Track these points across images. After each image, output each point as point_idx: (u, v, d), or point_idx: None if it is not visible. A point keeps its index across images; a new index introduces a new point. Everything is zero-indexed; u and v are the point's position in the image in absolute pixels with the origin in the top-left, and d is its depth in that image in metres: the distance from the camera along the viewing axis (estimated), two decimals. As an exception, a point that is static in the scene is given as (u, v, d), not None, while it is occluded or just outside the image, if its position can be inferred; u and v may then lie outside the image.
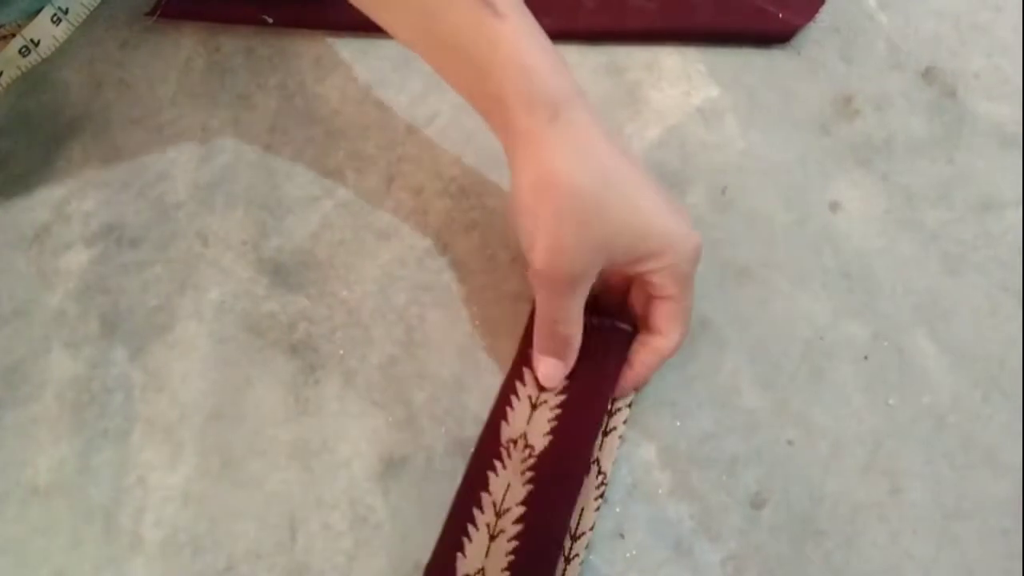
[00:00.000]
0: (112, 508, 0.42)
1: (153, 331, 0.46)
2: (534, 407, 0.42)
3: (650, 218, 0.38)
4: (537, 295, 0.40)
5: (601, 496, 0.40)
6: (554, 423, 0.41)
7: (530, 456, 0.40)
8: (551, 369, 0.41)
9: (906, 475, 0.42)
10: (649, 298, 0.41)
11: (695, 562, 0.40)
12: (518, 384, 0.42)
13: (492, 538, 0.39)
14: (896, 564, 0.40)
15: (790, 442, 0.42)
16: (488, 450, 0.41)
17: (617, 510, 0.41)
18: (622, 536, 0.41)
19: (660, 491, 0.42)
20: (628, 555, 0.40)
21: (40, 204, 0.49)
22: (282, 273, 0.47)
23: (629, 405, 0.42)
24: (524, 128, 0.37)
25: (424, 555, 0.40)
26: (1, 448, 0.43)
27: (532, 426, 0.41)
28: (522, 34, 0.37)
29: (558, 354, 0.41)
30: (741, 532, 0.41)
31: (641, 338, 0.42)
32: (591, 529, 0.40)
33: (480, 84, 0.37)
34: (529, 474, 0.40)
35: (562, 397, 0.42)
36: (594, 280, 0.39)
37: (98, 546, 0.41)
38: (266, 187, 0.49)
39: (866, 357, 0.44)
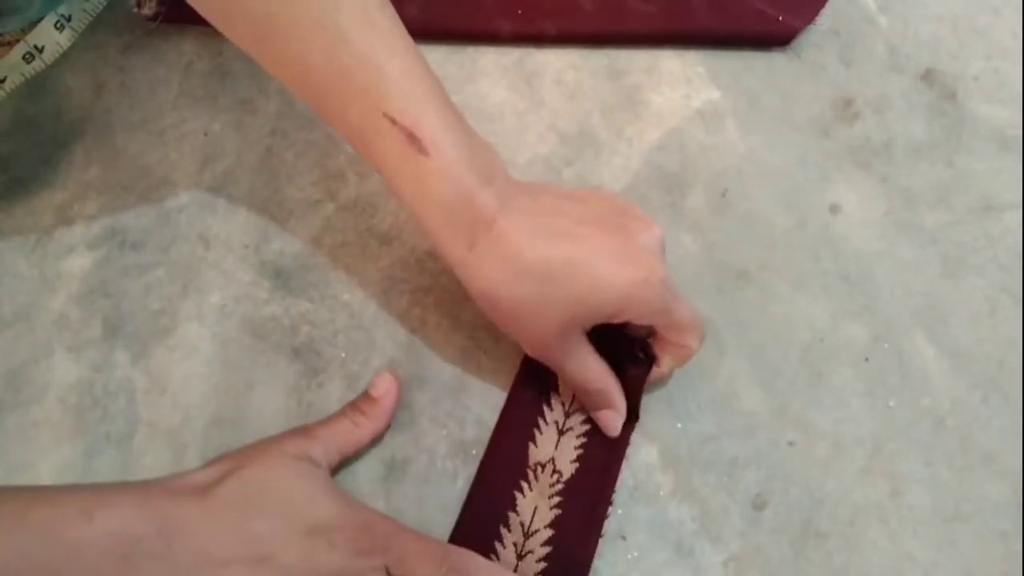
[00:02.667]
0: (115, 511, 0.42)
1: (155, 334, 0.46)
2: (561, 433, 0.43)
3: (601, 285, 0.38)
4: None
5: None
6: (580, 451, 0.42)
7: (558, 481, 0.41)
8: (608, 420, 0.42)
9: (906, 477, 0.42)
10: None
11: (696, 563, 0.40)
12: (546, 409, 0.43)
13: (520, 557, 0.40)
14: (896, 566, 0.40)
15: (790, 444, 0.43)
16: (515, 471, 0.42)
17: (619, 512, 0.41)
18: (624, 538, 0.41)
19: (661, 493, 0.42)
20: (630, 556, 0.40)
21: (42, 208, 0.49)
22: (284, 276, 0.47)
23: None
24: (450, 257, 0.39)
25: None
26: (3, 452, 0.43)
27: (560, 452, 0.42)
28: (445, 170, 0.37)
29: (606, 405, 0.42)
30: (742, 534, 0.41)
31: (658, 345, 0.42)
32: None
33: (408, 207, 0.39)
34: (557, 499, 0.41)
35: (587, 427, 0.42)
36: (584, 340, 0.40)
37: (101, 549, 0.41)
38: (268, 190, 0.49)
39: (866, 359, 0.44)
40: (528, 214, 0.39)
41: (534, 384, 0.43)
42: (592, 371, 0.41)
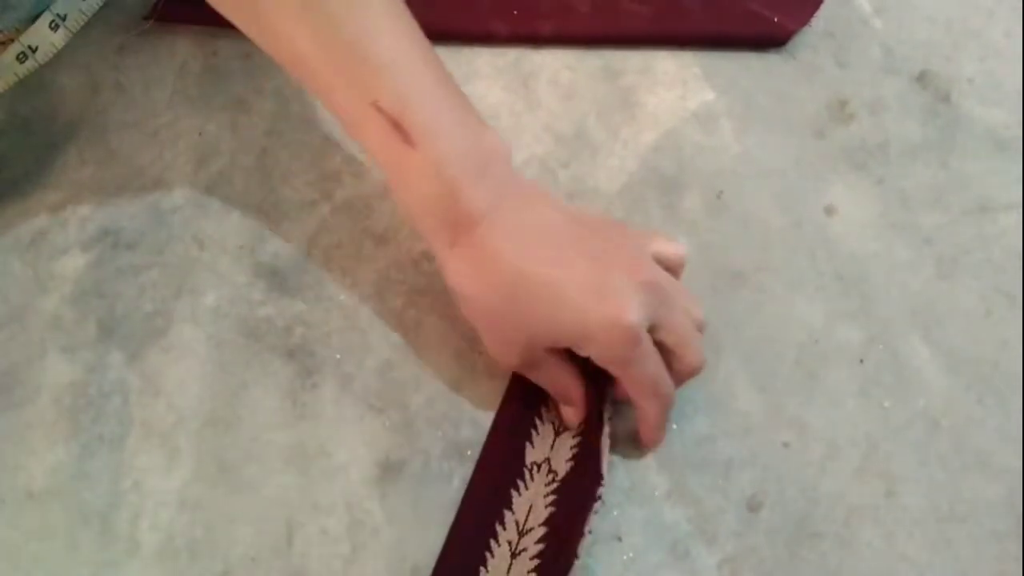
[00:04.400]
0: (108, 513, 0.42)
1: (149, 335, 0.46)
2: (557, 433, 0.42)
3: (564, 317, 0.38)
4: None
5: (599, 499, 0.41)
6: (575, 450, 0.42)
7: (553, 480, 0.41)
8: (567, 415, 0.42)
9: (900, 478, 0.42)
10: None
11: (692, 565, 0.40)
12: (543, 409, 0.43)
13: (514, 555, 0.40)
14: (891, 567, 0.40)
15: (785, 445, 0.43)
16: (512, 470, 0.41)
17: (614, 513, 0.41)
18: (619, 539, 0.41)
19: (657, 494, 0.42)
20: (625, 558, 0.40)
21: (36, 208, 0.49)
22: (279, 277, 0.47)
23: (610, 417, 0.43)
24: (431, 246, 0.39)
25: (421, 559, 0.40)
26: (-3, 453, 0.43)
27: (555, 452, 0.42)
28: (431, 163, 0.37)
29: (568, 402, 0.42)
30: (737, 535, 0.41)
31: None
32: (590, 532, 0.40)
33: (394, 196, 0.40)
34: (552, 497, 0.41)
35: (582, 426, 0.42)
36: (547, 354, 0.40)
37: (94, 551, 0.41)
38: (262, 191, 0.49)
39: (861, 360, 0.44)
40: (513, 224, 0.38)
41: (530, 384, 0.43)
42: (557, 378, 0.41)
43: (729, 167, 0.49)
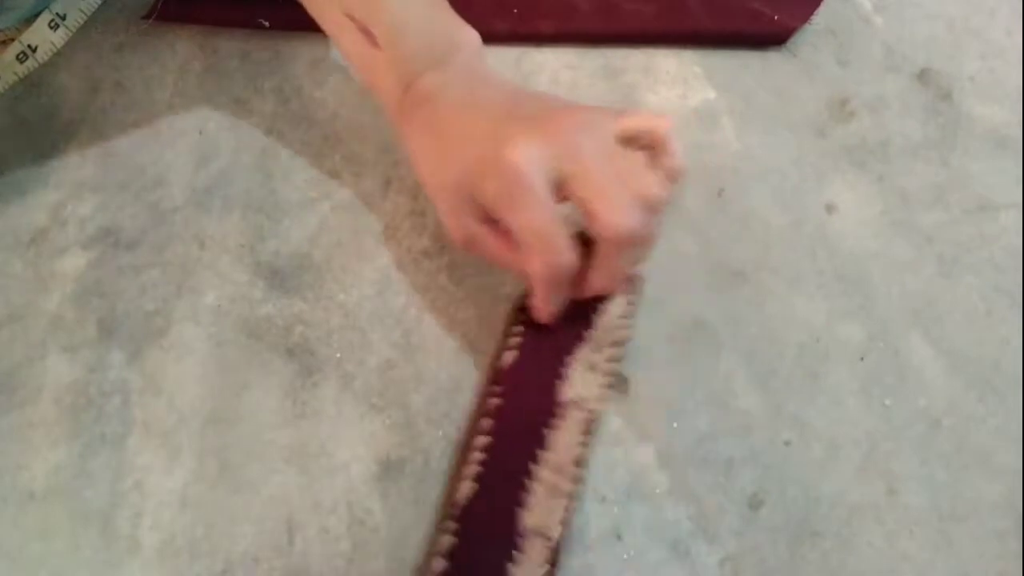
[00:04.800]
0: (109, 512, 0.42)
1: (150, 335, 0.46)
2: (552, 496, 0.41)
3: (467, 154, 0.39)
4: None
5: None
6: (564, 513, 0.40)
7: (545, 547, 0.40)
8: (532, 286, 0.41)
9: (902, 477, 0.42)
10: None
11: (692, 563, 0.40)
12: (535, 469, 0.41)
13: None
14: (892, 566, 0.40)
15: (786, 443, 0.43)
16: (508, 540, 0.39)
17: (615, 511, 0.41)
18: (619, 537, 0.41)
19: (658, 492, 0.42)
20: (625, 556, 0.40)
21: (36, 208, 0.49)
22: (279, 276, 0.47)
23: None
24: (398, 132, 0.43)
25: (422, 557, 0.40)
26: (-2, 452, 0.43)
27: (550, 515, 0.40)
28: (395, 61, 0.42)
29: (517, 266, 0.40)
30: (738, 533, 0.41)
31: None
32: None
33: (368, 88, 0.45)
34: (547, 566, 0.39)
35: (571, 486, 0.40)
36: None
37: (95, 550, 0.41)
38: (263, 190, 0.49)
39: (862, 359, 0.44)
40: (462, 92, 0.41)
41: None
42: (497, 254, 0.40)
43: (730, 165, 0.49)
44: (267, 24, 0.52)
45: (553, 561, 0.39)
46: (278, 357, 0.45)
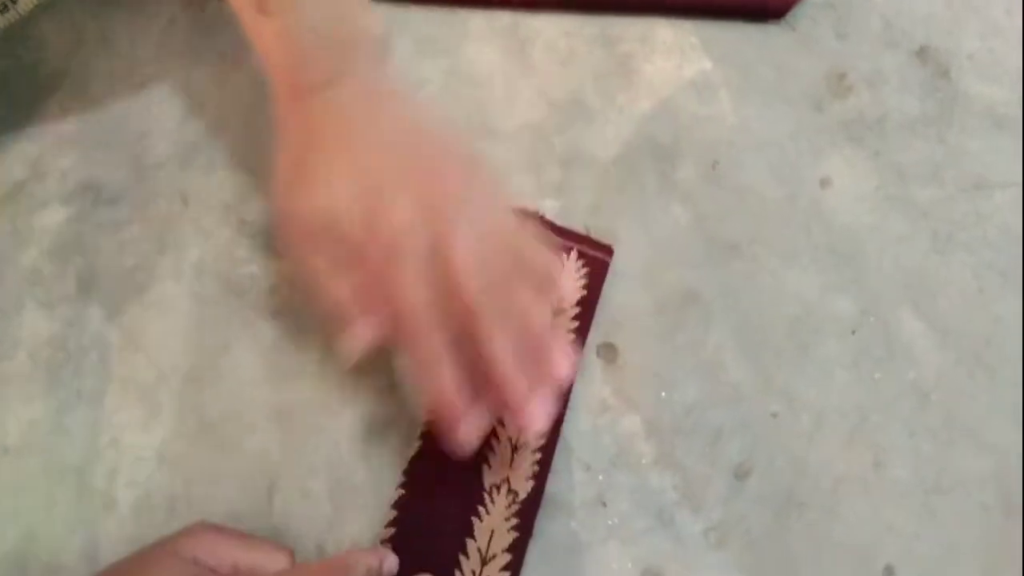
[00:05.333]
0: (85, 468, 0.41)
1: (130, 291, 0.45)
2: (515, 449, 0.41)
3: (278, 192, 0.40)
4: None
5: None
6: (536, 467, 0.40)
7: (514, 502, 0.39)
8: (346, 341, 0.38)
9: (889, 449, 0.42)
10: None
11: (677, 532, 0.40)
12: (498, 427, 0.41)
13: None
14: (877, 537, 0.40)
15: (774, 415, 0.42)
16: (472, 495, 0.39)
17: (600, 479, 0.41)
18: (604, 504, 0.40)
19: (644, 461, 0.41)
20: (610, 523, 0.40)
21: (15, 161, 0.47)
22: (264, 235, 0.46)
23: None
24: (277, 107, 0.41)
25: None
26: (-29, 407, 0.42)
27: (515, 471, 0.40)
28: (281, 31, 0.39)
29: (338, 309, 0.38)
30: (724, 503, 0.40)
31: None
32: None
33: (255, 56, 0.42)
34: (515, 520, 0.39)
35: (541, 440, 0.41)
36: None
37: (70, 506, 0.40)
38: (249, 147, 0.48)
39: (853, 332, 0.44)
40: (343, 108, 0.39)
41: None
42: (320, 283, 0.38)
43: (725, 137, 0.49)
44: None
45: (525, 520, 0.39)
46: (261, 317, 0.44)
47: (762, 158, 0.48)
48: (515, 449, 0.40)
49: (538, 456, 0.40)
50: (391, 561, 0.37)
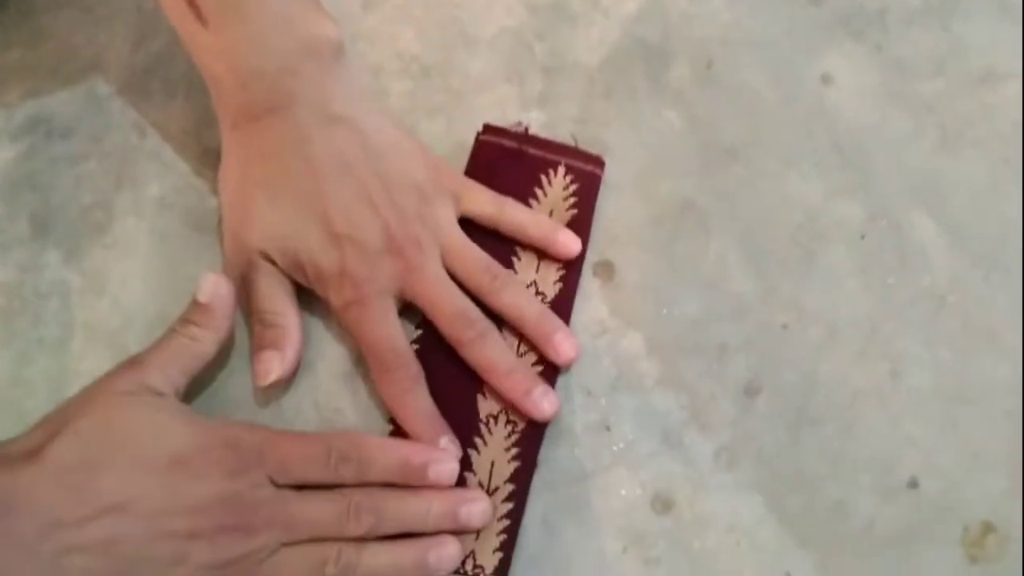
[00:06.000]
0: (52, 420, 0.38)
1: (89, 230, 0.42)
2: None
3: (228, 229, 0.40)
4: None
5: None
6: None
7: (514, 431, 0.37)
8: (266, 363, 0.37)
9: (905, 358, 0.39)
10: None
11: (686, 453, 0.38)
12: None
13: None
14: (896, 449, 0.38)
15: (783, 327, 0.40)
16: (467, 426, 0.37)
17: (602, 402, 0.38)
18: (608, 428, 0.38)
19: (647, 382, 0.39)
20: (615, 448, 0.38)
21: (-44, 97, 0.44)
22: (230, 164, 0.43)
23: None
24: (218, 119, 0.40)
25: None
26: (-74, 363, 0.39)
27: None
28: (221, 46, 0.37)
29: (272, 345, 0.38)
30: (734, 421, 0.38)
31: None
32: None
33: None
34: (515, 450, 0.37)
35: (539, 368, 0.38)
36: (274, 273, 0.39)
37: (38, 461, 0.38)
38: (208, 71, 0.44)
39: (862, 237, 0.41)
40: (287, 136, 0.38)
41: None
42: (272, 300, 0.39)
43: (719, 35, 0.45)
44: None
45: (528, 449, 0.37)
46: (231, 251, 0.41)
47: (758, 57, 0.45)
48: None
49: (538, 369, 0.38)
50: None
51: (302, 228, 0.38)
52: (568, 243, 0.40)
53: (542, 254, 0.40)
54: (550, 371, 0.38)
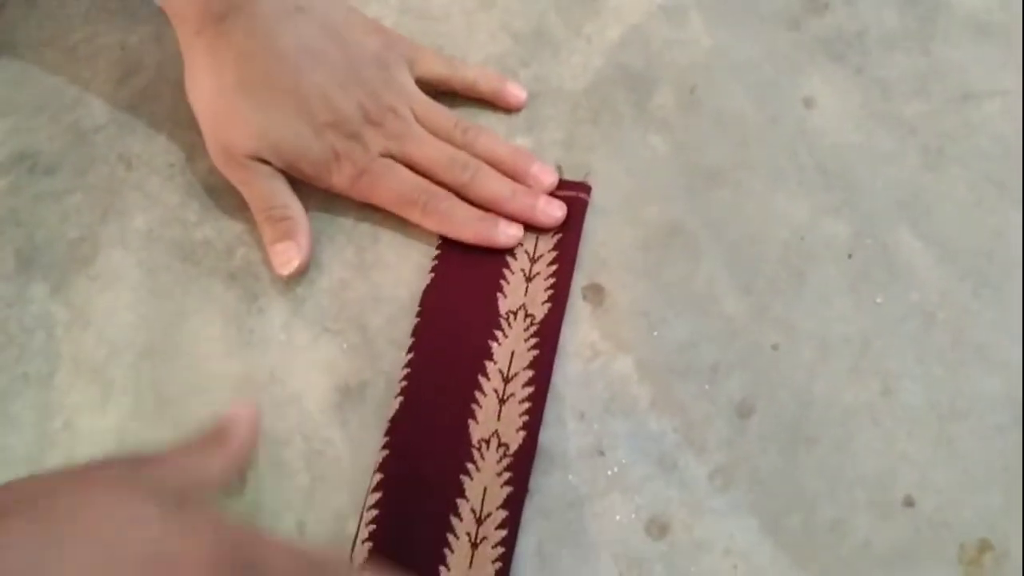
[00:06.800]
0: (38, 456, 0.38)
1: (75, 264, 0.41)
2: (502, 401, 0.38)
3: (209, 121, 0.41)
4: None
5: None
6: (525, 417, 0.37)
7: (505, 455, 0.37)
8: (281, 252, 0.40)
9: (897, 375, 0.39)
10: None
11: (681, 476, 0.37)
12: (482, 379, 0.38)
13: (474, 546, 0.35)
14: (891, 467, 0.37)
15: (774, 347, 0.40)
16: (460, 452, 0.37)
17: (595, 427, 0.38)
18: (602, 453, 0.38)
19: (640, 405, 0.39)
20: (609, 473, 0.37)
21: (-59, 134, 0.44)
22: (215, 195, 0.43)
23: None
24: (178, 33, 0.40)
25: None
26: (-91, 402, 0.39)
27: (503, 423, 0.37)
28: None
29: (285, 235, 0.40)
30: (728, 443, 0.38)
31: None
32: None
33: None
34: (507, 475, 0.36)
35: (531, 389, 0.38)
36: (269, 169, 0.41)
37: (23, 498, 0.37)
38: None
39: (849, 256, 0.42)
40: (256, 28, 0.39)
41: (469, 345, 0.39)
42: (260, 197, 0.41)
43: (701, 61, 0.46)
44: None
45: (519, 472, 0.36)
46: (218, 282, 0.41)
47: (740, 81, 0.46)
48: (502, 401, 0.38)
49: (527, 406, 0.37)
50: None
51: (290, 126, 0.39)
52: (516, 92, 0.44)
53: (530, 276, 0.40)
54: (544, 362, 0.38)
